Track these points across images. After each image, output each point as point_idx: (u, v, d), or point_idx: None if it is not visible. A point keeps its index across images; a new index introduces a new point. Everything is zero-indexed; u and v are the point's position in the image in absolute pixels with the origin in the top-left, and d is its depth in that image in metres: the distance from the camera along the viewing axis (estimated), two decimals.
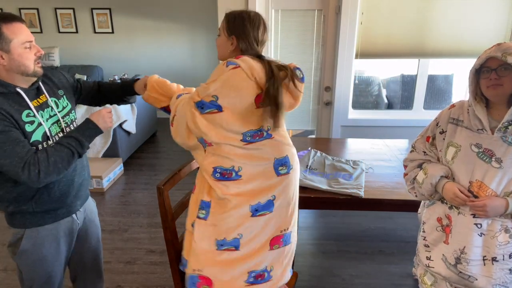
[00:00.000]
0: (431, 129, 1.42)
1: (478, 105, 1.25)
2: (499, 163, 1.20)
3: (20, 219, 1.39)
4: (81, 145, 1.33)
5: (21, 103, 1.28)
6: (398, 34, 3.07)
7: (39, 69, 1.32)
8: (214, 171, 1.31)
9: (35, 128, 1.30)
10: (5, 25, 1.21)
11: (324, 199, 1.85)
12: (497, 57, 1.14)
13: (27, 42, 1.26)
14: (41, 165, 1.22)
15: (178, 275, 1.49)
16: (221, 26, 1.40)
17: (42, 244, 1.41)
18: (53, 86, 1.46)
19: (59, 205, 1.42)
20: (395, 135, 3.19)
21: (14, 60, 1.24)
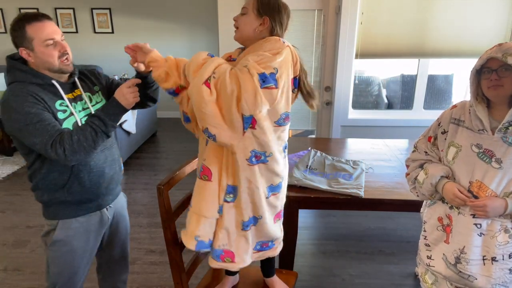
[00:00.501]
0: (433, 129, 1.43)
1: (479, 105, 1.25)
2: (499, 164, 1.21)
3: (54, 210, 1.44)
4: (104, 123, 1.34)
5: (56, 93, 1.36)
6: (398, 34, 3.07)
7: (65, 66, 1.37)
8: (251, 156, 1.29)
9: (66, 117, 1.36)
10: (28, 25, 1.30)
11: (324, 199, 1.85)
12: (497, 57, 1.14)
13: (49, 40, 1.31)
14: (65, 143, 1.27)
15: (178, 275, 1.49)
16: (249, 5, 1.34)
17: (73, 236, 1.46)
18: (89, 83, 1.52)
19: (90, 197, 1.46)
20: (395, 135, 3.19)
21: (38, 58, 1.32)
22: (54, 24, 1.36)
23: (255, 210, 1.40)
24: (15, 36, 1.31)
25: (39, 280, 2.33)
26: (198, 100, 1.20)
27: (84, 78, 1.52)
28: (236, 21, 1.37)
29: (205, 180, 1.37)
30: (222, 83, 1.19)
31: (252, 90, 1.18)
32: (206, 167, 1.36)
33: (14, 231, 2.89)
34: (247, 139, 1.26)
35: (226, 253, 1.43)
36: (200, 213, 1.38)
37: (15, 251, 2.63)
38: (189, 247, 1.41)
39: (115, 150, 1.59)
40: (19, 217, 3.10)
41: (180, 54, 5.83)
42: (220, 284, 1.64)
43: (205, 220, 1.39)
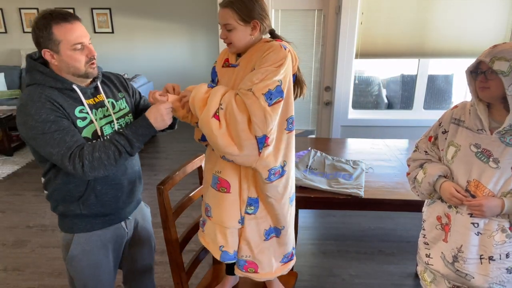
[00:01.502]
0: (433, 129, 1.44)
1: (481, 104, 1.27)
2: (496, 164, 1.22)
3: (68, 223, 1.37)
4: (131, 144, 1.25)
5: (76, 99, 1.27)
6: (398, 34, 3.07)
7: (92, 70, 1.28)
8: (269, 174, 1.30)
9: (86, 125, 1.27)
10: (55, 26, 1.18)
11: (324, 199, 1.85)
12: (485, 61, 1.17)
13: (77, 44, 1.21)
14: (85, 158, 1.18)
15: (178, 275, 1.49)
16: (230, 19, 1.28)
17: (91, 250, 1.39)
18: (113, 88, 1.43)
19: (107, 211, 1.38)
20: (395, 135, 3.19)
21: (64, 61, 1.22)
22: (82, 26, 1.26)
23: (277, 221, 1.42)
24: (39, 35, 1.19)
25: (39, 280, 2.33)
26: (209, 134, 1.22)
27: (108, 82, 1.43)
28: (226, 38, 1.32)
29: (223, 192, 1.37)
30: (231, 113, 1.20)
31: (261, 112, 1.19)
32: (223, 179, 1.36)
33: (14, 231, 2.89)
34: (264, 158, 1.27)
35: (250, 264, 1.45)
36: (222, 224, 1.40)
37: (15, 251, 2.63)
38: (216, 257, 1.45)
39: (135, 161, 1.50)
40: (19, 217, 3.10)
41: (180, 54, 5.84)
42: (220, 284, 1.64)
43: (226, 230, 1.41)
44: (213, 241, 1.45)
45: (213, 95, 1.23)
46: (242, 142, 1.22)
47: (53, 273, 2.40)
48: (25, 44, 5.79)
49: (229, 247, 1.42)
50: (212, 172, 1.40)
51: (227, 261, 1.44)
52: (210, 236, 1.46)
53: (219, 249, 1.43)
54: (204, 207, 1.48)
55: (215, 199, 1.40)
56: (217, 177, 1.37)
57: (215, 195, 1.40)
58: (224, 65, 1.41)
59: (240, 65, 1.34)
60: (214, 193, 1.40)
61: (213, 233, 1.44)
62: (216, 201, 1.40)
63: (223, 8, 1.30)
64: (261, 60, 1.25)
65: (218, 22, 1.34)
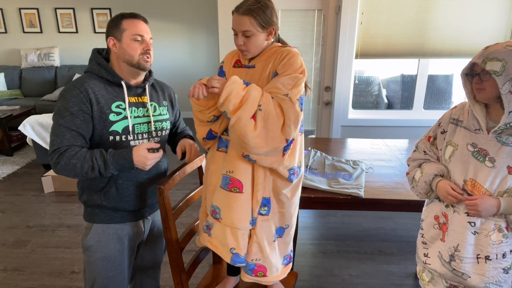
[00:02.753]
0: (433, 130, 1.46)
1: (477, 105, 1.28)
2: (492, 163, 1.22)
3: (90, 212, 1.46)
4: (106, 167, 1.31)
5: (119, 94, 1.38)
6: (398, 34, 3.07)
7: (144, 63, 1.39)
8: (289, 174, 1.36)
9: (119, 119, 1.37)
10: (125, 19, 1.37)
11: (324, 199, 1.85)
12: (478, 63, 1.18)
13: (137, 35, 1.36)
14: (62, 159, 1.29)
15: (178, 275, 1.49)
16: (250, 26, 1.29)
17: (107, 242, 1.44)
18: (160, 95, 1.54)
19: (125, 206, 1.45)
20: (395, 135, 3.19)
21: (122, 49, 1.36)
22: (147, 26, 1.41)
23: (283, 220, 1.45)
24: (109, 26, 1.37)
25: (39, 280, 2.33)
26: (242, 134, 1.24)
27: (157, 88, 1.54)
28: (243, 45, 1.32)
29: (236, 192, 1.37)
30: (271, 116, 1.24)
31: (296, 116, 1.25)
32: (235, 179, 1.36)
33: (14, 231, 2.89)
34: (286, 159, 1.33)
35: (259, 268, 1.45)
36: (233, 225, 1.39)
37: (15, 251, 2.63)
38: (226, 260, 1.42)
39: (162, 163, 1.56)
40: (19, 217, 3.10)
41: (180, 54, 5.84)
42: (221, 284, 1.64)
43: (238, 231, 1.40)
44: (223, 243, 1.43)
45: (252, 95, 1.25)
46: (275, 144, 1.26)
47: (53, 273, 2.40)
48: (25, 44, 5.79)
49: (240, 249, 1.41)
50: (221, 173, 1.39)
51: (238, 264, 1.42)
52: (219, 239, 1.44)
53: (229, 251, 1.41)
54: (209, 210, 1.46)
55: (226, 200, 1.39)
56: (228, 177, 1.37)
57: (226, 196, 1.38)
58: (236, 65, 1.41)
59: (256, 67, 1.37)
60: (224, 194, 1.39)
61: (222, 236, 1.42)
62: (227, 202, 1.39)
63: (242, 15, 1.29)
64: (283, 66, 1.30)
65: (233, 28, 1.34)
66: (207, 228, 1.48)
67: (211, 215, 1.45)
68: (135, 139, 1.42)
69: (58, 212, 3.15)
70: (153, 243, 1.63)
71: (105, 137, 1.36)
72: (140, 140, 1.44)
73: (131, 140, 1.41)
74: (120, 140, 1.39)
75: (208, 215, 1.47)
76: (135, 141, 1.42)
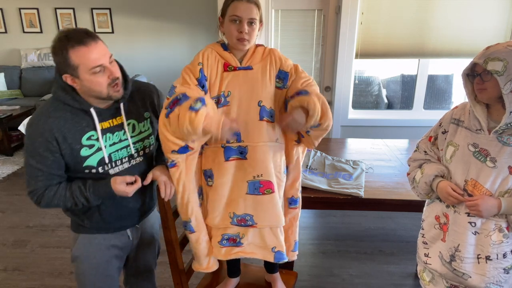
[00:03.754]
0: (434, 130, 1.45)
1: (478, 106, 1.27)
2: (493, 163, 1.22)
3: (75, 224, 1.41)
4: (89, 202, 1.27)
5: (89, 123, 1.24)
6: (398, 34, 3.07)
7: (116, 93, 1.22)
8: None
9: (92, 153, 1.25)
10: (71, 50, 1.12)
11: (324, 199, 1.85)
12: (479, 63, 1.18)
13: (95, 67, 1.14)
14: (43, 200, 1.25)
15: (178, 275, 1.49)
16: (257, 15, 1.31)
17: (94, 253, 1.39)
18: (141, 106, 1.37)
19: (110, 226, 1.40)
20: (395, 135, 3.19)
21: (85, 86, 1.18)
22: (101, 45, 1.17)
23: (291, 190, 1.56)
24: (56, 61, 1.17)
25: (39, 280, 2.33)
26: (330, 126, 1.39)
27: (137, 99, 1.36)
28: (248, 34, 1.30)
29: (269, 194, 1.39)
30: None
31: None
32: (266, 181, 1.38)
33: (14, 231, 2.89)
34: None
35: None
36: (273, 225, 1.43)
37: (15, 251, 2.63)
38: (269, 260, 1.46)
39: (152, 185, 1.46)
40: (19, 217, 3.10)
41: (180, 54, 5.84)
42: (221, 285, 1.64)
43: (276, 229, 1.44)
44: (262, 247, 1.45)
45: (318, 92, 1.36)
46: None
47: (53, 273, 2.40)
48: (25, 44, 5.79)
49: (281, 246, 1.45)
50: (244, 180, 1.38)
51: (281, 260, 1.46)
52: (256, 244, 1.46)
53: (271, 251, 1.44)
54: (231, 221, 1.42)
55: (260, 204, 1.40)
56: (258, 181, 1.37)
57: (260, 200, 1.39)
58: (229, 69, 1.36)
59: (255, 69, 1.37)
60: (256, 199, 1.39)
61: (260, 239, 1.45)
62: (262, 205, 1.40)
63: (250, 3, 1.30)
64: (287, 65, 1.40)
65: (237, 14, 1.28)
66: (229, 241, 1.45)
67: (238, 224, 1.42)
68: (113, 167, 1.32)
69: (58, 212, 3.15)
70: (144, 248, 1.58)
71: (81, 171, 1.27)
72: (120, 166, 1.33)
73: (110, 169, 1.31)
74: (97, 172, 1.28)
75: (227, 227, 1.44)
76: (114, 168, 1.32)
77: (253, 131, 1.36)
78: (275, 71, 1.39)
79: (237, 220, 1.41)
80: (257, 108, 1.36)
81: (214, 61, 1.36)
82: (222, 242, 1.45)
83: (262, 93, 1.36)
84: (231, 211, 1.41)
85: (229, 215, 1.41)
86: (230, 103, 1.35)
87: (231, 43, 1.36)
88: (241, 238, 1.44)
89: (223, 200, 1.41)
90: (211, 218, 1.43)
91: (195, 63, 1.37)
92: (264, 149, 1.37)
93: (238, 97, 1.35)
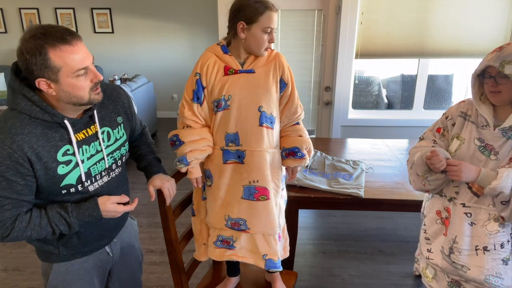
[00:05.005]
0: (441, 122, 1.43)
1: (483, 105, 1.28)
2: (496, 156, 1.24)
3: (45, 254, 1.24)
4: (70, 229, 1.12)
5: (63, 136, 1.08)
6: (398, 34, 3.07)
7: (97, 96, 1.08)
8: None
9: (70, 170, 1.10)
10: (52, 50, 0.95)
11: (324, 199, 1.85)
12: (495, 66, 1.16)
13: (80, 70, 1.01)
14: (13, 232, 1.05)
15: (178, 275, 1.49)
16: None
17: (73, 280, 1.25)
18: (112, 110, 1.23)
19: (89, 248, 1.26)
20: (395, 135, 3.19)
21: (64, 91, 1.01)
22: (83, 45, 1.03)
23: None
24: (31, 62, 0.96)
25: (39, 280, 2.33)
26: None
27: (108, 103, 1.22)
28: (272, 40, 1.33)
29: (263, 200, 1.39)
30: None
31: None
32: (262, 187, 1.38)
33: None
34: None
35: None
36: (266, 232, 1.42)
37: (15, 251, 2.63)
38: (261, 266, 1.45)
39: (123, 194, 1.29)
40: None
41: (180, 54, 5.84)
42: (221, 284, 1.64)
43: (269, 237, 1.43)
44: (254, 252, 1.44)
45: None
46: None
47: None
48: None
49: (272, 254, 1.43)
50: (240, 185, 1.39)
51: (273, 269, 1.44)
52: (248, 249, 1.45)
53: (262, 258, 1.43)
54: (225, 224, 1.42)
55: (254, 209, 1.39)
56: (253, 187, 1.37)
57: (254, 206, 1.39)
58: (229, 72, 1.35)
59: (257, 72, 1.35)
60: (250, 204, 1.39)
61: (252, 245, 1.44)
62: (256, 211, 1.39)
63: (276, 12, 1.31)
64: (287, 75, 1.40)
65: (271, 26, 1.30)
66: (223, 243, 1.45)
67: (232, 227, 1.42)
68: (93, 182, 1.17)
69: None
70: (125, 260, 1.45)
71: (57, 193, 1.11)
72: (99, 181, 1.19)
73: (89, 185, 1.16)
74: (76, 191, 1.13)
75: (222, 229, 1.44)
76: (93, 184, 1.18)
77: (252, 136, 1.35)
78: (278, 77, 1.38)
79: (231, 223, 1.42)
80: (257, 113, 1.35)
81: (213, 68, 1.35)
82: (216, 243, 1.47)
83: (263, 98, 1.34)
84: (226, 213, 1.42)
85: (224, 217, 1.42)
86: (230, 107, 1.35)
87: (256, 50, 1.33)
88: (234, 241, 1.45)
89: (218, 202, 1.43)
90: (209, 217, 1.47)
91: (193, 73, 1.37)
92: (262, 155, 1.36)
93: (238, 101, 1.34)
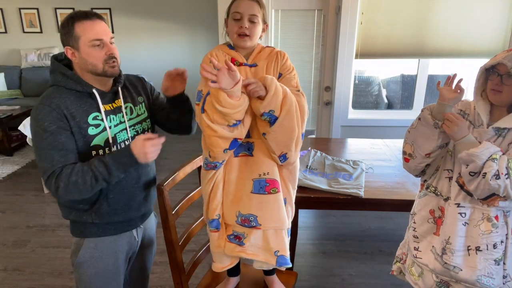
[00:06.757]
0: None
1: (481, 102, 1.27)
2: None
3: (79, 228, 1.36)
4: (109, 173, 1.21)
5: (93, 105, 1.27)
6: (398, 34, 3.07)
7: (111, 69, 1.26)
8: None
9: (99, 132, 1.27)
10: (77, 23, 1.21)
11: (324, 199, 1.85)
12: (507, 65, 1.15)
13: (95, 40, 1.21)
14: (61, 181, 1.18)
15: (178, 275, 1.49)
16: (259, 13, 1.33)
17: (100, 257, 1.36)
18: (133, 92, 1.43)
19: (119, 218, 1.37)
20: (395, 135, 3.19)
21: (83, 59, 1.23)
22: (104, 24, 1.26)
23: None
24: (62, 33, 1.23)
25: (39, 280, 2.33)
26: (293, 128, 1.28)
27: (129, 86, 1.42)
28: (248, 29, 1.32)
29: (275, 193, 1.37)
30: (302, 112, 1.33)
31: (307, 109, 1.36)
32: (272, 180, 1.36)
33: (14, 231, 2.89)
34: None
35: None
36: (278, 227, 1.39)
37: (15, 251, 2.63)
38: (272, 263, 1.41)
39: (150, 169, 1.48)
40: (19, 217, 3.10)
41: (180, 54, 5.84)
42: (221, 284, 1.64)
43: (281, 231, 1.41)
44: (265, 249, 1.41)
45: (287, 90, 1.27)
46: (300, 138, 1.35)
47: (53, 273, 2.40)
48: (25, 44, 5.79)
49: (284, 250, 1.41)
50: (250, 179, 1.37)
51: (284, 265, 1.41)
52: (259, 246, 1.42)
53: (274, 254, 1.40)
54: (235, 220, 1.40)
55: (265, 204, 1.36)
56: (264, 180, 1.35)
57: (265, 200, 1.36)
58: (235, 63, 1.37)
59: (259, 66, 1.37)
60: (261, 198, 1.36)
61: (263, 242, 1.41)
62: (267, 205, 1.36)
63: (252, 0, 1.32)
64: (286, 67, 1.38)
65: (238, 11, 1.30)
66: (236, 238, 1.44)
67: (242, 224, 1.40)
68: (118, 148, 1.32)
69: (58, 212, 3.15)
70: (143, 252, 1.57)
71: (88, 154, 1.26)
72: None
73: None
74: (104, 154, 1.28)
75: (235, 225, 1.42)
76: None
77: (257, 127, 1.36)
78: (277, 70, 1.39)
79: (241, 220, 1.40)
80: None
81: (222, 57, 1.39)
82: (230, 237, 1.44)
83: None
84: (237, 209, 1.40)
85: (236, 213, 1.40)
86: None
87: (232, 39, 1.37)
88: (244, 238, 1.43)
89: (230, 197, 1.40)
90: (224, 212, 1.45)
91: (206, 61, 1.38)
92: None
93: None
